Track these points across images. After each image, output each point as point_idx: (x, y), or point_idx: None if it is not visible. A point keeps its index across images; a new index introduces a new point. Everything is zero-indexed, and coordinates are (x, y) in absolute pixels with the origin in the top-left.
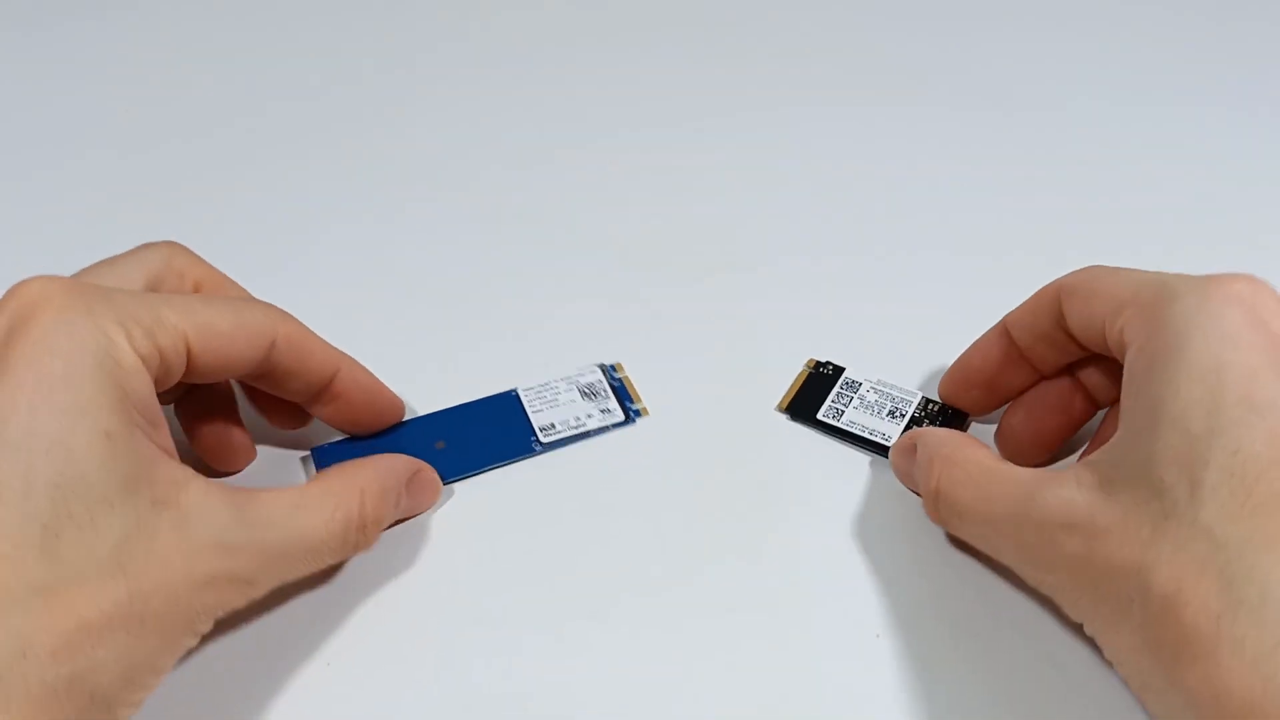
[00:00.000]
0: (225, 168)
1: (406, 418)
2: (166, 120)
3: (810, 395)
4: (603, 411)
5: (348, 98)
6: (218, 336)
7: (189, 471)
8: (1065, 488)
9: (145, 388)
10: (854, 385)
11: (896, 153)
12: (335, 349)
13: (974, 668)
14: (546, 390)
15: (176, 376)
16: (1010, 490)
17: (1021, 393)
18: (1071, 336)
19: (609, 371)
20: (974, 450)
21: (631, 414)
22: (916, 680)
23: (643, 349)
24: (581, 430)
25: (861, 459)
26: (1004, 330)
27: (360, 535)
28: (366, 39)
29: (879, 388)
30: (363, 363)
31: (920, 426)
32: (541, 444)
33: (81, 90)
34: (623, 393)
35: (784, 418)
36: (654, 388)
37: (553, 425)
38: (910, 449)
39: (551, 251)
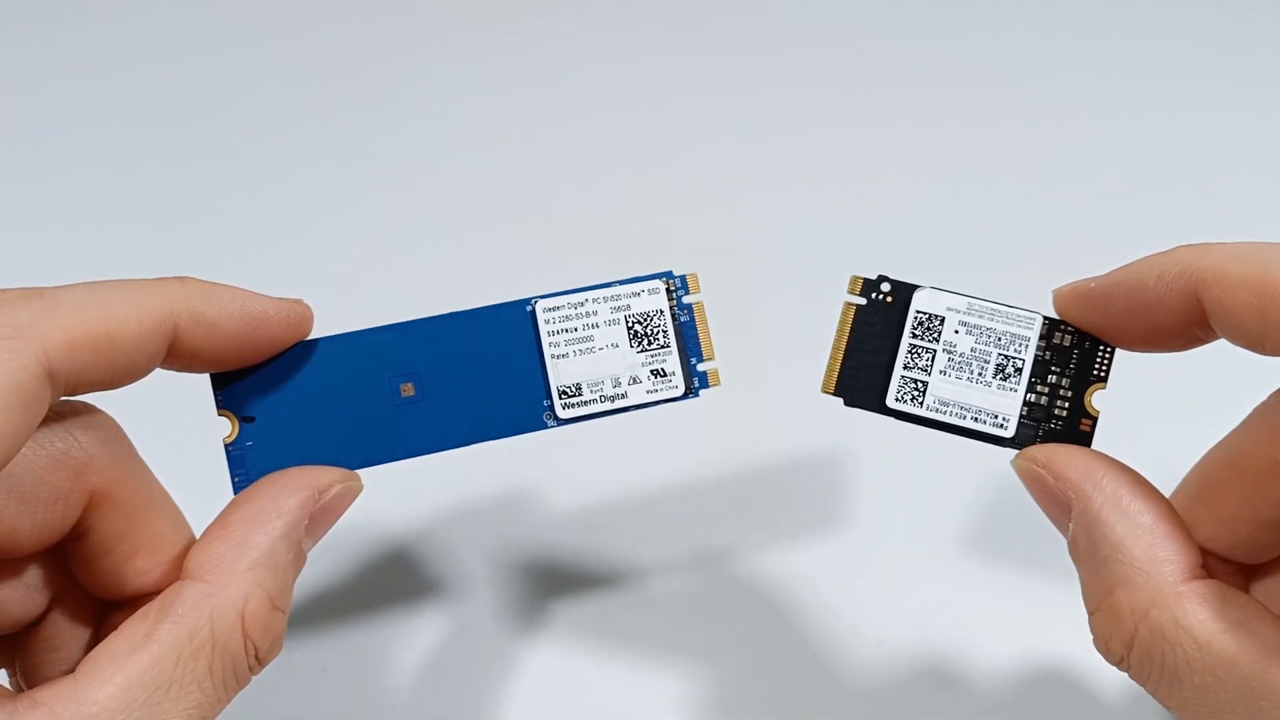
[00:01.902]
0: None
1: (373, 325)
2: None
3: (866, 354)
4: (655, 375)
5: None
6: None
7: None
8: None
9: None
10: (933, 325)
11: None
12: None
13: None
14: (578, 312)
15: None
16: (1242, 681)
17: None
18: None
19: (677, 292)
20: (1189, 588)
21: (696, 382)
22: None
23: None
24: (619, 406)
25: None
26: (1191, 288)
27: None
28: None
29: (973, 319)
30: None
31: (1048, 381)
32: (557, 417)
33: (78, 90)
34: (690, 335)
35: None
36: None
37: (577, 389)
38: (1057, 503)
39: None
